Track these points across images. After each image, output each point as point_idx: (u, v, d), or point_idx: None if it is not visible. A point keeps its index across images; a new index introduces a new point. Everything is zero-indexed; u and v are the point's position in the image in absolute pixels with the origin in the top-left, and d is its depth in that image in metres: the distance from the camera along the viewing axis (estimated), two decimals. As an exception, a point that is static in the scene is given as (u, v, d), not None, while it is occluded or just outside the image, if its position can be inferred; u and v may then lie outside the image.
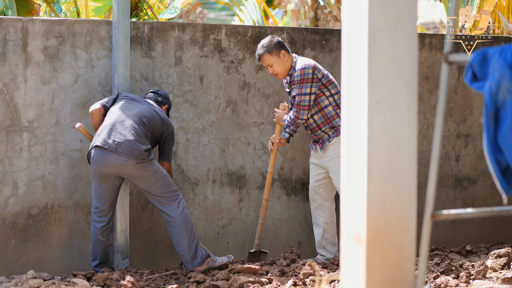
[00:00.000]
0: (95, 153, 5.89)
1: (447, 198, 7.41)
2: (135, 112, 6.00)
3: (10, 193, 6.16)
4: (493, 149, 3.16)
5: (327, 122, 6.39)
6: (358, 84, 3.33)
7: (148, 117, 6.02)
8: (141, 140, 5.90)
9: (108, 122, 5.95)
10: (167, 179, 6.02)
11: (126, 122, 5.93)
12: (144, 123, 5.98)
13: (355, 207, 3.35)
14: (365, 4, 3.29)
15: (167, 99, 6.35)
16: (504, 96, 3.11)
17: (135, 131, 5.90)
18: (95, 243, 6.06)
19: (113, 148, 5.83)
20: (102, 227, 6.03)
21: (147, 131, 5.98)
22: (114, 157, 5.84)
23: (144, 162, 5.87)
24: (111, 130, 5.90)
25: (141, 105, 6.09)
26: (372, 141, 3.31)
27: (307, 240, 6.94)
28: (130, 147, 5.84)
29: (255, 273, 5.95)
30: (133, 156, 5.83)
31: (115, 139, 5.86)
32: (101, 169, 5.89)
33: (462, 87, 7.41)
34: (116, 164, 5.85)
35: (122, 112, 5.98)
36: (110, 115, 6.00)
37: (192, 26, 6.65)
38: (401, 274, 3.35)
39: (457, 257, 6.88)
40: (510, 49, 3.12)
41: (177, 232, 6.01)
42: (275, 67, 6.31)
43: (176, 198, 6.03)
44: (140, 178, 5.93)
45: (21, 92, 6.16)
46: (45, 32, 6.22)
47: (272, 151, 6.53)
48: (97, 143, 5.88)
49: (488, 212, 3.42)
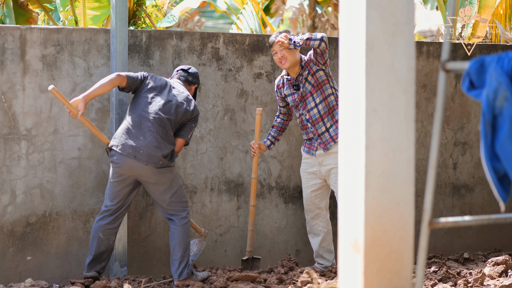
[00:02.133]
0: (116, 156, 5.90)
1: (445, 206, 7.41)
2: (156, 109, 5.95)
3: (8, 201, 6.16)
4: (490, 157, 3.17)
5: (329, 112, 6.38)
6: (355, 91, 3.34)
7: (173, 111, 5.97)
8: (160, 145, 5.89)
9: (127, 124, 5.93)
10: (180, 190, 6.02)
11: (146, 123, 5.90)
12: (164, 122, 5.93)
13: (353, 215, 3.35)
14: (363, 12, 3.30)
15: (197, 78, 6.30)
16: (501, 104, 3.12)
17: (153, 136, 5.89)
18: (93, 239, 6.01)
19: (132, 155, 5.85)
20: (105, 224, 5.99)
21: (168, 130, 5.95)
22: (132, 162, 5.86)
23: (163, 168, 5.89)
24: (129, 133, 5.90)
25: (167, 96, 6.03)
26: (369, 148, 3.31)
27: (305, 248, 6.94)
28: (148, 153, 5.85)
29: (253, 281, 5.95)
30: (152, 162, 5.85)
31: (133, 144, 5.86)
32: (121, 170, 5.90)
33: (460, 95, 7.43)
34: (135, 168, 5.87)
35: (143, 110, 5.95)
36: (130, 113, 5.97)
37: (190, 35, 6.67)
38: (399, 282, 3.35)
39: (454, 264, 6.88)
40: (508, 57, 3.13)
41: (175, 240, 6.01)
42: (287, 51, 6.32)
43: (184, 210, 6.02)
44: (156, 184, 5.93)
45: (19, 100, 6.17)
46: (43, 40, 6.23)
47: (254, 156, 6.53)
48: (115, 148, 5.88)
49: (486, 220, 3.43)
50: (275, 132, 6.59)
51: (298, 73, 6.39)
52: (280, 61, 6.34)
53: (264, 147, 6.55)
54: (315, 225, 6.55)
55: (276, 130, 6.59)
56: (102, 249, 6.02)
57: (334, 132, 6.38)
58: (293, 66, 6.36)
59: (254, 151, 6.50)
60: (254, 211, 6.57)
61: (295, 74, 6.41)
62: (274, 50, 6.35)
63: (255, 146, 6.50)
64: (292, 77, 6.43)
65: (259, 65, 6.82)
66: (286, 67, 6.35)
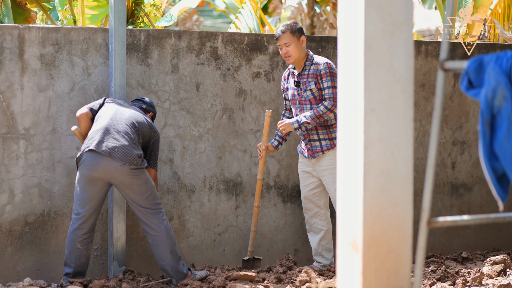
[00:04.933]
0: (88, 157, 5.81)
1: (443, 205, 7.41)
2: (127, 116, 5.95)
3: (6, 200, 6.16)
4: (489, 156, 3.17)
5: (326, 127, 6.35)
6: (354, 91, 3.34)
7: (139, 122, 5.98)
8: (134, 146, 5.85)
9: (101, 125, 5.89)
10: (154, 191, 5.96)
11: (119, 126, 5.88)
12: (136, 128, 5.93)
13: (351, 214, 3.36)
14: (361, 12, 3.30)
15: (152, 107, 6.30)
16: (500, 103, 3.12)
17: (128, 136, 5.86)
18: (72, 250, 5.91)
19: (107, 152, 5.77)
20: (82, 234, 5.89)
21: (138, 137, 5.93)
22: (107, 161, 5.78)
23: (137, 169, 5.83)
24: (105, 134, 5.84)
25: (131, 110, 6.06)
26: (368, 148, 3.31)
27: (304, 247, 6.94)
28: (124, 152, 5.79)
29: (251, 280, 5.95)
30: (127, 161, 5.78)
31: (109, 143, 5.80)
32: (92, 173, 5.81)
33: (458, 94, 7.43)
34: (109, 169, 5.79)
35: (114, 116, 5.93)
36: (101, 119, 5.93)
37: (189, 34, 6.66)
38: (397, 281, 3.36)
39: (453, 264, 6.89)
40: (506, 57, 3.13)
41: (161, 245, 5.93)
42: (292, 48, 6.30)
43: (160, 212, 5.95)
44: (131, 186, 5.86)
45: (18, 100, 6.17)
46: (42, 39, 6.22)
47: (261, 157, 6.50)
48: (91, 147, 5.79)
49: (484, 219, 3.43)
50: (281, 132, 6.55)
51: (302, 69, 6.38)
52: (284, 56, 6.35)
53: (272, 148, 6.52)
54: (315, 223, 6.53)
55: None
56: (82, 260, 5.94)
57: (326, 147, 6.36)
58: (298, 61, 6.37)
59: (260, 153, 6.48)
60: (258, 212, 6.56)
61: (300, 68, 6.41)
62: (280, 44, 6.35)
63: (262, 148, 6.47)
64: (297, 71, 6.43)
65: (257, 64, 6.82)
66: (290, 62, 6.35)
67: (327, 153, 6.35)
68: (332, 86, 6.28)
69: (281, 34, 6.32)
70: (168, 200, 6.56)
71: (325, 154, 6.36)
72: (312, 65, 6.34)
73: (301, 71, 6.38)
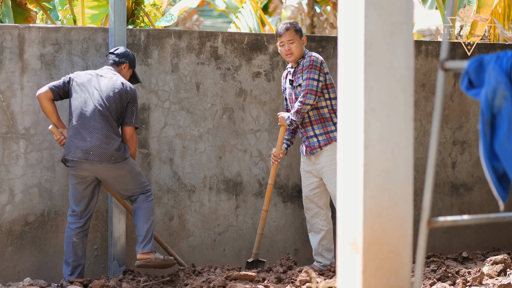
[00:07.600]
0: (69, 163, 5.93)
1: (444, 205, 7.41)
2: (96, 99, 5.90)
3: (6, 200, 6.16)
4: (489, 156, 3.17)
5: (321, 121, 6.36)
6: (354, 91, 3.34)
7: (108, 96, 5.92)
8: (109, 140, 5.87)
9: (72, 130, 5.90)
10: (139, 177, 6.03)
11: (90, 121, 5.87)
12: (105, 115, 5.88)
13: (351, 214, 3.35)
14: (361, 11, 3.30)
15: (125, 56, 6.15)
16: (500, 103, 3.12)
17: (100, 133, 5.86)
18: (68, 245, 6.01)
19: (84, 158, 5.85)
20: (77, 228, 5.99)
21: (111, 122, 5.91)
22: (86, 165, 5.88)
23: (119, 162, 5.90)
24: (77, 138, 5.87)
25: (100, 82, 5.95)
26: (368, 148, 3.31)
27: (304, 247, 6.94)
28: (99, 152, 5.85)
29: (251, 280, 5.95)
30: (105, 160, 5.86)
31: (83, 147, 5.85)
32: (78, 173, 5.92)
33: (458, 94, 7.43)
34: (91, 169, 5.89)
35: (81, 109, 5.90)
36: (72, 118, 5.91)
37: (189, 34, 6.66)
38: (397, 281, 3.35)
39: (453, 264, 6.88)
40: (506, 56, 3.13)
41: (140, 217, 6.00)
42: (295, 46, 6.31)
43: (146, 191, 6.04)
44: (116, 178, 5.95)
45: (18, 99, 6.17)
46: (42, 39, 6.22)
47: (274, 164, 6.51)
48: (67, 157, 5.89)
49: (485, 219, 3.43)
50: (288, 135, 6.55)
51: (296, 66, 6.38)
52: (286, 53, 6.33)
53: (284, 152, 6.57)
54: (315, 223, 6.54)
55: (288, 133, 6.56)
56: (79, 254, 6.01)
57: (324, 142, 6.36)
58: (297, 59, 6.37)
59: (276, 159, 6.49)
60: (266, 216, 6.57)
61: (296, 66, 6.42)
62: (282, 41, 6.34)
63: (279, 156, 6.48)
64: (293, 70, 6.43)
65: (257, 64, 6.82)
66: (291, 60, 6.35)
67: (325, 149, 6.36)
68: (308, 78, 6.27)
69: (285, 31, 6.31)
70: (168, 200, 6.56)
71: (323, 150, 6.36)
72: (303, 61, 6.35)
73: (295, 68, 6.39)
